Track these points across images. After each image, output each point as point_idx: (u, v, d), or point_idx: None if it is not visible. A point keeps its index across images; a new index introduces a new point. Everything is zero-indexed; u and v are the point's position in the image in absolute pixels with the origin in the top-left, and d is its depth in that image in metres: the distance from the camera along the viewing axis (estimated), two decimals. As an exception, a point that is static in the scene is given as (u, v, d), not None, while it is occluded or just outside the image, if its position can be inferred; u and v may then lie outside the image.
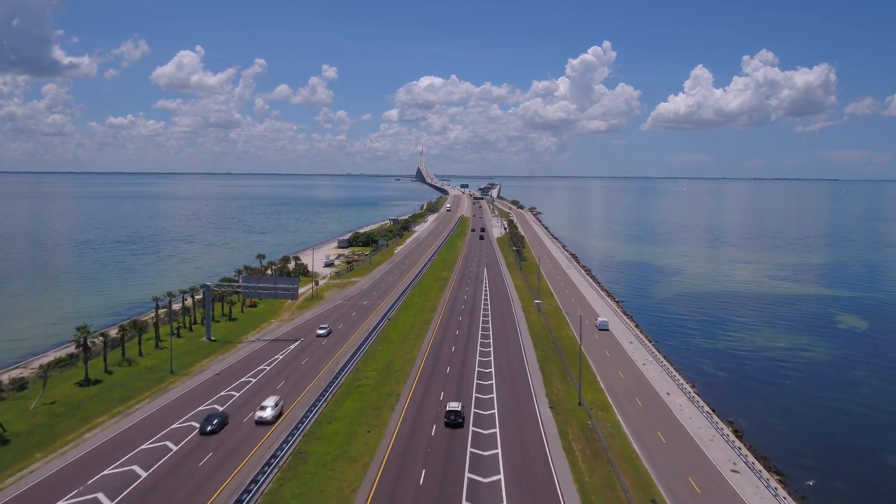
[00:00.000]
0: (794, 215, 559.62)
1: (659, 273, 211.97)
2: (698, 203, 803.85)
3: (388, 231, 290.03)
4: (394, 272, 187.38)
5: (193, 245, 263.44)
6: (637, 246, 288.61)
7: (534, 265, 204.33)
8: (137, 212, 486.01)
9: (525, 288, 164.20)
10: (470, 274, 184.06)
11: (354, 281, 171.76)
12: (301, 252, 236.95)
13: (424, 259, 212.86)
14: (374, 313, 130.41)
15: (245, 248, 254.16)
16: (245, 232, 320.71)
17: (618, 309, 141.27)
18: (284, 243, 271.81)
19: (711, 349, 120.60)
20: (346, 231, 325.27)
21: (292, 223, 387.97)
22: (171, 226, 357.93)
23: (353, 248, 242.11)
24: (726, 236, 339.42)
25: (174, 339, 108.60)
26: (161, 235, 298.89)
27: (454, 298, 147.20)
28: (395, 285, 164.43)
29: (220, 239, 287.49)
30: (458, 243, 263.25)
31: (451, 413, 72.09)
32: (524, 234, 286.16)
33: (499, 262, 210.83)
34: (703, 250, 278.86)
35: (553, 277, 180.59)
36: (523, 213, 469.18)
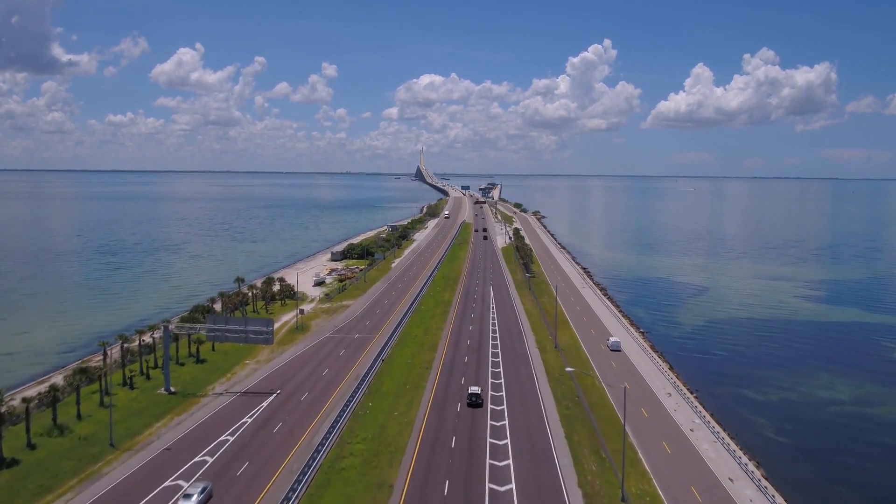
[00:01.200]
0: (808, 219, 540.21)
1: (683, 293, 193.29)
2: (707, 205, 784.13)
3: (386, 241, 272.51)
4: (390, 293, 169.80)
5: (177, 257, 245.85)
6: (652, 257, 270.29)
7: (544, 282, 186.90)
8: (127, 216, 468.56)
9: (537, 314, 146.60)
10: (475, 295, 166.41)
11: (346, 305, 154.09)
12: (291, 266, 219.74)
13: (424, 275, 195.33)
14: (367, 352, 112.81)
15: (232, 261, 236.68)
16: (235, 240, 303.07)
17: (646, 345, 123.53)
18: (275, 254, 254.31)
19: (765, 403, 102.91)
20: (342, 238, 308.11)
21: (286, 229, 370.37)
22: (158, 232, 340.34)
23: (348, 262, 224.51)
24: (745, 245, 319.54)
25: (126, 392, 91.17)
26: (145, 245, 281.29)
27: (458, 330, 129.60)
28: (392, 311, 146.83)
29: (207, 249, 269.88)
30: (461, 255, 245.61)
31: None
32: (530, 243, 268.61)
33: (505, 279, 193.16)
34: (724, 263, 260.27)
35: (567, 300, 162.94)
36: (527, 217, 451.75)
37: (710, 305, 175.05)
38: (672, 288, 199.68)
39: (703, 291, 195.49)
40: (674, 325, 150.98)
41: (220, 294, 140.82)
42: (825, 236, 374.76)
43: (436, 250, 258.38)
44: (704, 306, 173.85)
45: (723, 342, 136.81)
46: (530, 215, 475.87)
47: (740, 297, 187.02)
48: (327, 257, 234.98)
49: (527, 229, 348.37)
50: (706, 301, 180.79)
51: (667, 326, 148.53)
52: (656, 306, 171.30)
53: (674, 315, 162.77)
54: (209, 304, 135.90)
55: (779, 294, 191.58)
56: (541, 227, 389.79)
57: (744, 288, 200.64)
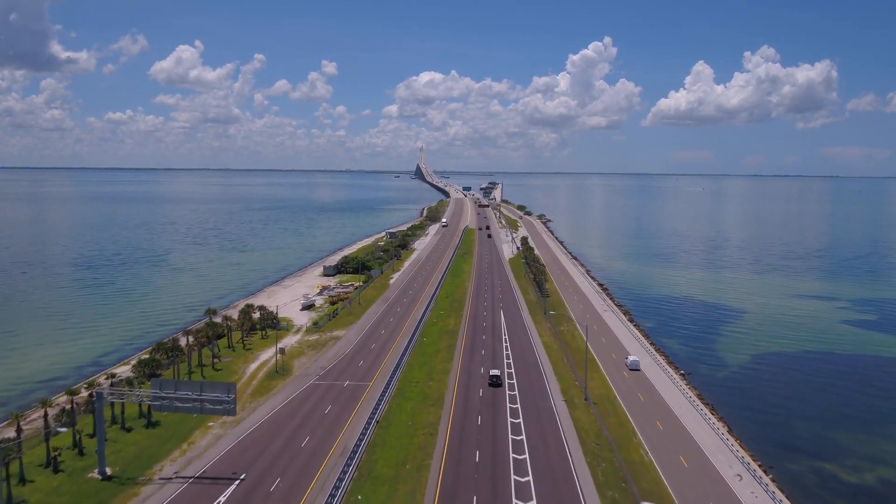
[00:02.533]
0: (826, 223, 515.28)
1: (718, 319, 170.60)
2: (719, 207, 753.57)
3: (384, 251, 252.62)
4: (387, 319, 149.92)
5: (156, 271, 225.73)
6: (673, 271, 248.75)
7: (560, 303, 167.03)
8: (114, 219, 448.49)
9: (557, 348, 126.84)
10: (483, 322, 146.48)
11: (337, 336, 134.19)
12: (279, 283, 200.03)
13: (426, 295, 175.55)
14: (358, 408, 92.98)
15: (216, 276, 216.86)
16: (223, 250, 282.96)
17: (692, 393, 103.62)
18: (264, 267, 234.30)
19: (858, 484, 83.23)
20: (337, 248, 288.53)
21: (279, 236, 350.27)
22: (143, 240, 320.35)
23: (341, 278, 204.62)
24: (771, 255, 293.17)
25: (48, 478, 71.47)
26: (125, 255, 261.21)
27: (467, 373, 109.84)
28: (389, 345, 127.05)
29: (191, 261, 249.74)
30: (465, 268, 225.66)
31: None
32: (539, 253, 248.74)
33: (517, 300, 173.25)
34: (753, 276, 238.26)
35: (589, 328, 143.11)
36: (532, 221, 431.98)
37: (745, 334, 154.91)
38: (706, 312, 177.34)
39: (740, 316, 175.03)
40: (719, 366, 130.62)
41: (185, 332, 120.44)
42: (850, 244, 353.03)
43: (438, 262, 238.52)
44: (741, 335, 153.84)
45: (781, 388, 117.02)
46: (535, 219, 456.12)
47: (790, 324, 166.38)
48: (319, 271, 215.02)
49: (534, 236, 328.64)
50: (749, 330, 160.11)
51: (712, 365, 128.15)
52: (693, 339, 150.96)
53: (718, 353, 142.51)
54: (173, 342, 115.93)
55: (825, 321, 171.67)
56: (547, 232, 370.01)
57: (788, 312, 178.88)
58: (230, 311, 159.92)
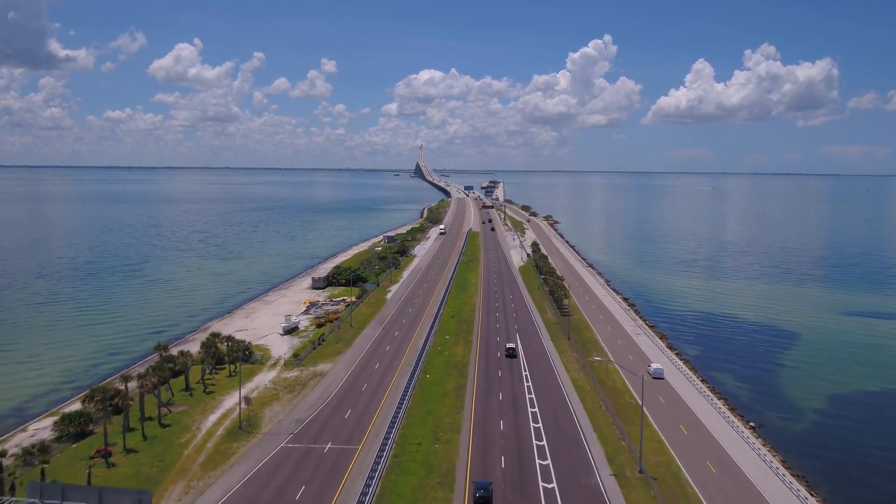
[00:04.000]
0: (850, 225, 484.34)
1: (769, 344, 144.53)
2: (731, 207, 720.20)
3: (381, 258, 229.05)
4: (383, 346, 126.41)
5: (128, 283, 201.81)
6: (704, 281, 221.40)
7: (583, 324, 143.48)
8: (98, 221, 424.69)
9: (591, 389, 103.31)
10: (497, 352, 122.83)
11: (321, 372, 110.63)
12: (262, 297, 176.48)
13: (428, 314, 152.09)
14: (340, 491, 69.52)
15: (193, 288, 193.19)
16: (205, 257, 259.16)
17: (783, 470, 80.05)
18: (247, 278, 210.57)
19: None
20: (331, 254, 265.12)
21: (269, 239, 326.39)
22: (121, 245, 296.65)
23: (332, 292, 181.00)
24: (806, 263, 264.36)
25: None
26: (95, 264, 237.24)
27: (482, 429, 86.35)
28: (385, 384, 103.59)
29: (167, 270, 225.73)
30: (472, 279, 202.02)
31: None
32: (552, 261, 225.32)
33: (533, 320, 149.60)
34: (793, 288, 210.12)
35: (623, 356, 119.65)
36: (539, 223, 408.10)
37: (829, 371, 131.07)
38: (753, 336, 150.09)
39: (795, 341, 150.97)
40: (791, 415, 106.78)
41: (123, 377, 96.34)
42: (888, 250, 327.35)
43: (441, 271, 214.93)
44: (819, 373, 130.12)
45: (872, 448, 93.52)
46: (542, 220, 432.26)
47: (861, 353, 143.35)
48: (308, 283, 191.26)
49: (543, 241, 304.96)
50: (814, 360, 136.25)
51: (783, 412, 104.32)
52: (747, 372, 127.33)
53: (785, 394, 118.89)
54: (117, 385, 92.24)
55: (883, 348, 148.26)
56: (556, 235, 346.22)
57: (852, 337, 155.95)
58: (198, 334, 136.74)
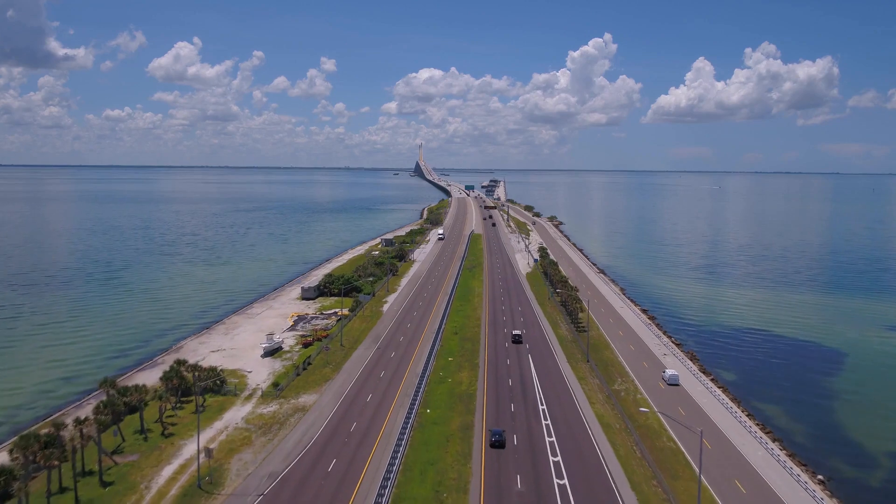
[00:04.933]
0: (867, 228, 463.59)
1: (817, 369, 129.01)
2: (742, 207, 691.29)
3: (378, 264, 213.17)
4: (377, 372, 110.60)
5: (99, 295, 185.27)
6: (728, 289, 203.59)
7: (602, 342, 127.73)
8: (86, 223, 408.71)
9: (620, 428, 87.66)
10: (508, 379, 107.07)
11: (303, 406, 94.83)
12: (245, 310, 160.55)
13: (429, 331, 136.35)
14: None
15: (169, 300, 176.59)
16: (191, 262, 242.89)
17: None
18: (232, 287, 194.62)
19: None
20: (324, 259, 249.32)
21: (261, 243, 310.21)
22: (105, 249, 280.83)
23: (323, 304, 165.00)
24: (834, 269, 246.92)
25: None
26: (72, 271, 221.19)
27: (494, 486, 70.62)
28: (378, 422, 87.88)
29: (149, 278, 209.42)
30: (475, 287, 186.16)
31: None
32: (561, 267, 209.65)
33: (547, 338, 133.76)
34: (828, 298, 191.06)
35: (652, 383, 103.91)
36: (543, 224, 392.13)
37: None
38: (796, 357, 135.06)
39: (843, 363, 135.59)
40: (862, 465, 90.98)
41: (59, 424, 79.64)
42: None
43: (442, 279, 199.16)
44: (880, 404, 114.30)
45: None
46: (546, 221, 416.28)
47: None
48: (296, 295, 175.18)
49: (549, 244, 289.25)
50: (868, 388, 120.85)
51: (850, 464, 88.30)
52: (799, 406, 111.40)
53: (850, 439, 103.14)
54: (56, 429, 76.12)
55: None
56: (562, 236, 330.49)
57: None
58: (170, 355, 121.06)
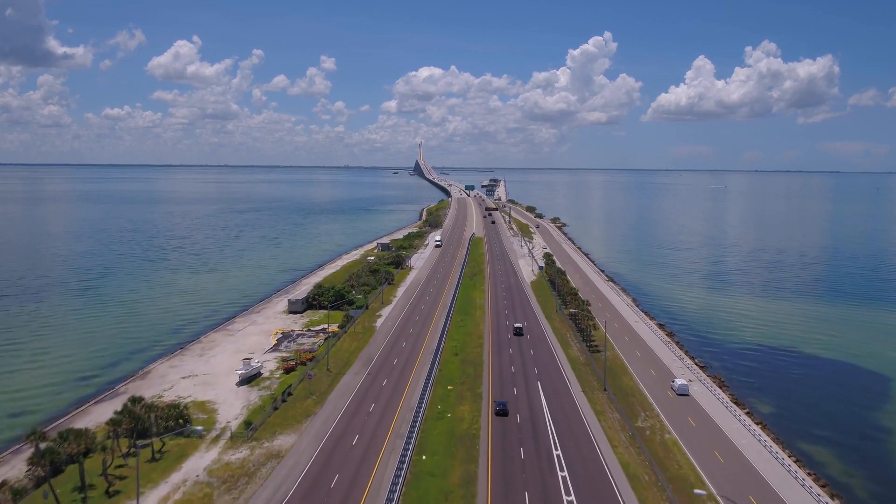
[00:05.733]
0: (880, 229, 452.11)
1: (864, 397, 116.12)
2: (753, 208, 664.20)
3: (372, 271, 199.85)
4: (366, 405, 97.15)
5: (72, 309, 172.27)
6: (752, 302, 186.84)
7: (619, 364, 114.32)
8: (72, 225, 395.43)
9: (647, 481, 74.35)
10: (518, 415, 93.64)
11: (278, 452, 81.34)
12: (227, 325, 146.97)
13: (426, 350, 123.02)
14: None
15: (145, 314, 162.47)
16: (174, 271, 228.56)
17: None
18: (215, 298, 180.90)
19: None
20: (316, 265, 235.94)
21: (252, 247, 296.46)
22: (86, 255, 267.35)
23: (311, 318, 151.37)
24: (864, 276, 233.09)
25: None
26: (45, 280, 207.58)
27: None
28: (363, 475, 74.47)
29: (127, 287, 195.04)
30: (477, 298, 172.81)
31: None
32: (570, 276, 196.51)
33: (557, 359, 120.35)
34: (865, 311, 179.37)
35: (681, 419, 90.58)
36: (546, 226, 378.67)
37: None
38: (837, 382, 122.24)
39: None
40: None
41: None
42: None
43: (441, 288, 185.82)
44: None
45: None
46: (549, 223, 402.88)
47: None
48: (282, 308, 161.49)
49: (554, 248, 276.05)
50: None
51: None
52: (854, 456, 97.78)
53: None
54: None
55: None
56: (566, 240, 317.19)
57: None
58: (133, 383, 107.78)
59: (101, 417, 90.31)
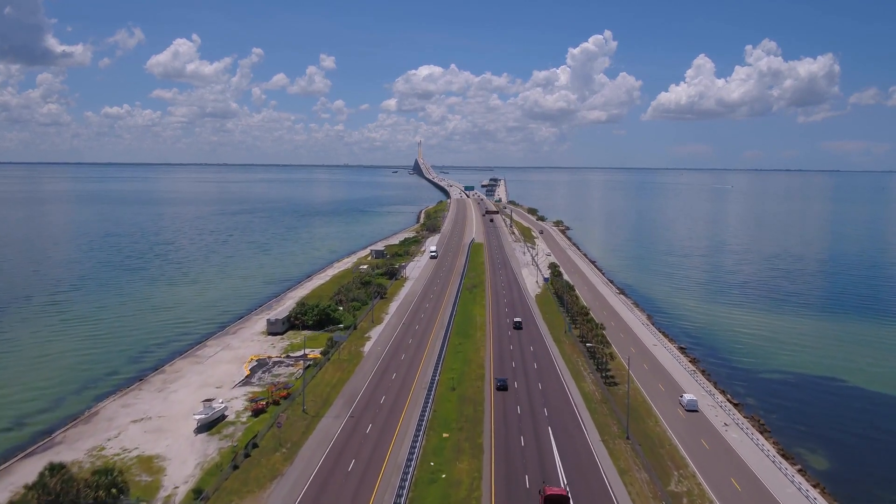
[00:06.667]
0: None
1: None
2: (763, 209, 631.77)
3: (363, 283, 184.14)
4: (344, 460, 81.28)
5: (28, 330, 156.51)
6: (789, 321, 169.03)
7: (641, 399, 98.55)
8: (53, 229, 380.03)
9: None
10: (526, 475, 77.88)
11: (231, 535, 65.60)
12: (192, 352, 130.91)
13: (418, 385, 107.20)
14: None
15: (107, 338, 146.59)
16: (152, 281, 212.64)
17: None
18: (187, 317, 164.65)
19: None
20: (305, 274, 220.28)
21: (239, 254, 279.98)
22: (60, 263, 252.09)
23: (292, 342, 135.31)
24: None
25: None
26: (4, 296, 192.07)
27: None
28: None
29: (94, 303, 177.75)
30: (477, 316, 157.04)
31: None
32: (576, 289, 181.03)
33: (569, 395, 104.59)
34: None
35: (722, 481, 74.83)
36: (549, 230, 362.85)
37: None
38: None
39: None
40: None
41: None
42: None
43: (437, 304, 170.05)
44: None
45: None
46: (551, 226, 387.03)
47: None
48: (260, 329, 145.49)
49: (558, 255, 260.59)
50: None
51: None
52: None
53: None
54: None
55: None
56: (570, 245, 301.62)
57: None
58: (75, 428, 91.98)
59: (28, 477, 74.62)
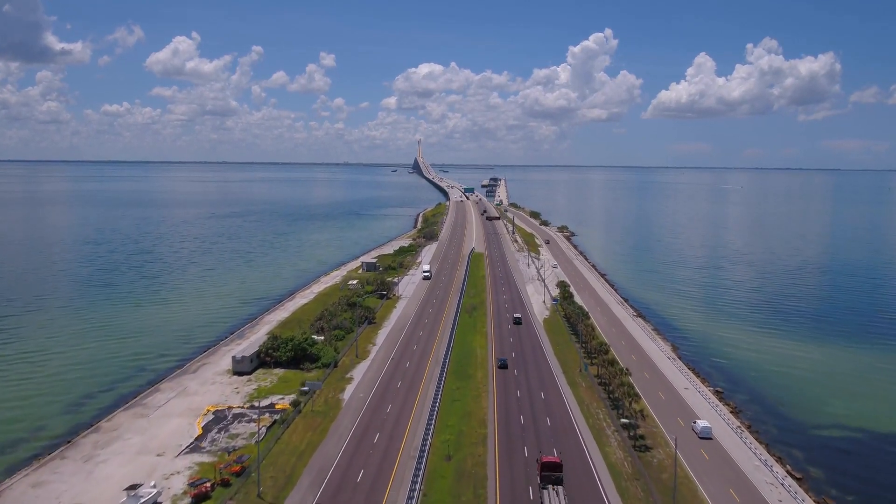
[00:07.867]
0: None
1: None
2: (779, 213, 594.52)
3: (350, 305, 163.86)
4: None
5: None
6: (854, 354, 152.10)
7: (682, 476, 78.28)
8: (25, 235, 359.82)
9: None
10: None
11: None
12: (141, 400, 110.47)
13: (406, 449, 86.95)
14: None
15: (44, 386, 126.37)
16: (119, 302, 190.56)
17: None
18: (148, 350, 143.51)
19: None
20: (290, 291, 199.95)
21: (222, 266, 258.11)
22: (16, 282, 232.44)
23: (260, 385, 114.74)
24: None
25: None
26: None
27: None
28: None
29: (40, 338, 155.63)
30: (477, 347, 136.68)
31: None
32: (590, 313, 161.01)
33: (593, 467, 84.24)
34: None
35: None
36: (553, 237, 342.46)
37: None
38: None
39: None
40: None
41: None
42: None
43: (433, 331, 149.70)
44: None
45: None
46: (555, 232, 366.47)
47: None
48: (225, 367, 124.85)
49: (564, 265, 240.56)
50: None
51: None
52: None
53: None
54: None
55: None
56: (577, 254, 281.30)
57: None
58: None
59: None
